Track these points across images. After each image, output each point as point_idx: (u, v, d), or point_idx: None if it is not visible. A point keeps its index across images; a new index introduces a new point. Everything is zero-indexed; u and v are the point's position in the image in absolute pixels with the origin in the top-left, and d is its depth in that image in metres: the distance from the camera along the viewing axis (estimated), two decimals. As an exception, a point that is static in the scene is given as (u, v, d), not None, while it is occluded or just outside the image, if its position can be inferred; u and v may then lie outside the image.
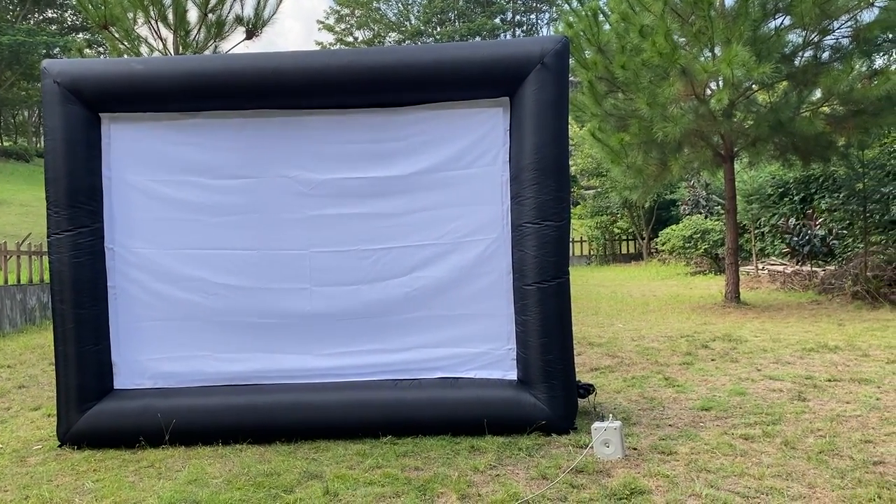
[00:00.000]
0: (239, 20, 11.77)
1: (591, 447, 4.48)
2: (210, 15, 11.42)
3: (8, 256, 12.59)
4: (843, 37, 10.77)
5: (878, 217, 13.67)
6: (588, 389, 5.49)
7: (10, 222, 23.95)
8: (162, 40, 11.13)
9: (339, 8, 57.44)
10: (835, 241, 15.16)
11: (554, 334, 4.98)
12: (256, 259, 5.22)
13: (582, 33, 11.03)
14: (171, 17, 11.31)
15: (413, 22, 56.82)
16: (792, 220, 16.09)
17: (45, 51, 41.36)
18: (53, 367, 8.27)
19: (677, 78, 9.96)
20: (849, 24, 10.59)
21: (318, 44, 55.49)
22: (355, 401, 5.10)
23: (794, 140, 11.02)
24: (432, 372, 5.23)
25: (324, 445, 4.93)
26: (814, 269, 14.94)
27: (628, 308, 12.42)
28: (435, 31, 56.02)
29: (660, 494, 3.88)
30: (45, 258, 13.35)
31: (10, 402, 6.64)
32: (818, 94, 11.73)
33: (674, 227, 20.62)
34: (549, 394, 4.98)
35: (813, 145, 11.04)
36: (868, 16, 10.46)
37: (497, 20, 55.55)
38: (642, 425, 5.20)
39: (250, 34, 11.85)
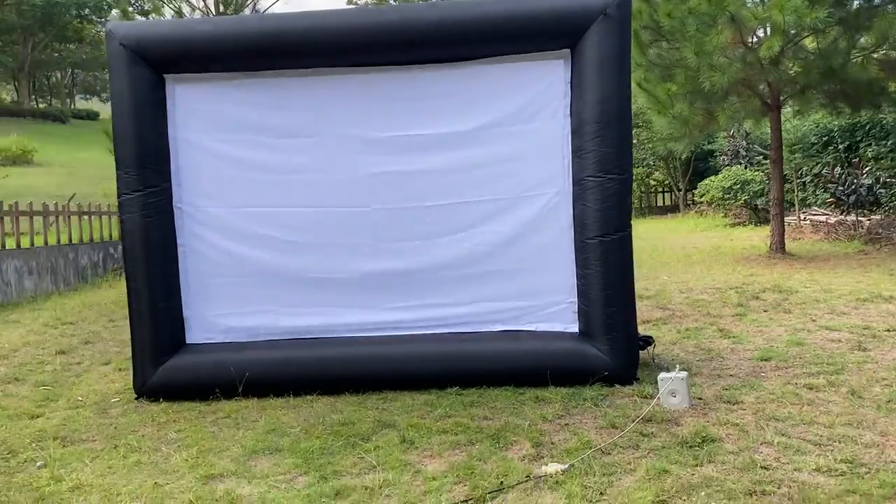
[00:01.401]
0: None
1: (658, 397, 4.55)
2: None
3: (57, 217, 12.86)
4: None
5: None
6: (647, 341, 5.55)
7: (53, 183, 24.42)
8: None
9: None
10: (881, 190, 14.89)
11: (616, 287, 5.03)
12: (320, 216, 5.31)
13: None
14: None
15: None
16: (837, 170, 15.79)
17: (76, 12, 41.49)
18: (113, 323, 8.58)
19: (725, 26, 9.75)
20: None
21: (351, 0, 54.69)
22: (419, 353, 5.22)
23: (845, 87, 10.77)
24: (493, 325, 5.32)
25: (391, 396, 5.07)
26: (859, 218, 14.72)
27: (671, 260, 12.38)
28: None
29: (731, 442, 3.96)
30: (93, 218, 13.65)
31: (80, 358, 6.88)
32: (869, 39, 11.41)
33: (713, 177, 20.36)
34: (611, 346, 5.05)
35: (864, 92, 10.79)
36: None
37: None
38: (703, 375, 5.26)
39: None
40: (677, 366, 4.73)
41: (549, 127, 5.15)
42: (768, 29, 10.33)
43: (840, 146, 16.64)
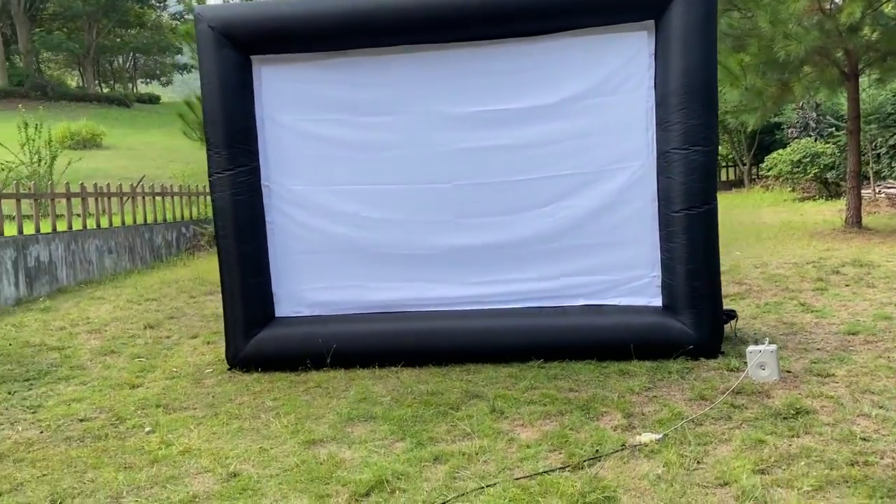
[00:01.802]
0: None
1: (747, 370, 4.53)
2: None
3: (133, 198, 13.30)
4: None
5: None
6: (731, 315, 5.51)
7: (122, 166, 25.18)
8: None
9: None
10: (964, 162, 14.29)
11: (701, 261, 5.00)
12: (404, 193, 5.40)
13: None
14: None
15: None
16: (916, 141, 15.19)
17: (139, -3, 42.42)
18: (194, 300, 8.89)
19: (804, -8, 9.45)
20: None
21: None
22: (502, 327, 5.29)
23: (929, 54, 10.35)
24: (576, 299, 5.35)
25: (474, 368, 5.16)
26: (939, 191, 14.18)
27: (741, 236, 12.15)
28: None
29: (826, 414, 3.93)
30: (165, 199, 14.07)
31: (168, 332, 7.16)
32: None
33: (781, 151, 19.82)
34: (696, 319, 5.03)
35: (951, 59, 10.34)
36: None
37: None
38: (789, 349, 5.20)
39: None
40: (766, 339, 4.69)
41: (633, 99, 5.11)
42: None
43: (918, 116, 16.00)
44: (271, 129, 5.44)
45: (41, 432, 4.43)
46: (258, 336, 5.45)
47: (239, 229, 5.39)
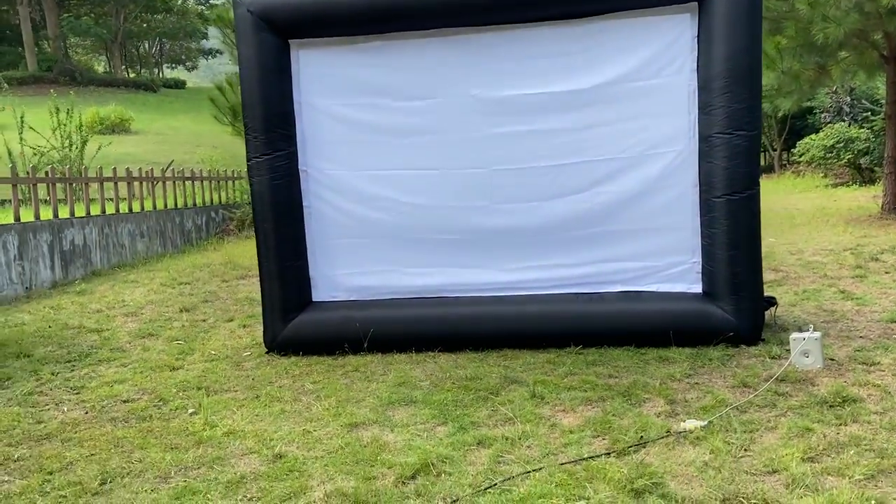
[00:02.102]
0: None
1: (791, 357, 4.47)
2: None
3: (164, 182, 13.41)
4: None
5: None
6: (771, 301, 5.45)
7: (150, 150, 25.41)
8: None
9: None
10: None
11: (743, 247, 4.95)
12: (440, 178, 5.39)
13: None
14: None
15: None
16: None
17: (165, -18, 42.58)
18: (227, 284, 8.96)
19: (843, -27, 9.25)
20: None
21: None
22: (539, 313, 5.28)
23: (972, 36, 10.09)
24: (613, 286, 5.31)
25: (511, 354, 5.16)
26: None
27: (774, 222, 11.97)
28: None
29: (873, 402, 3.87)
30: (195, 184, 14.17)
31: (204, 315, 7.23)
32: None
33: (813, 136, 19.48)
34: (736, 306, 4.98)
35: None
36: None
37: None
38: (832, 337, 5.13)
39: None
40: (810, 326, 4.63)
41: (675, 83, 5.04)
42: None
43: (956, 100, 15.61)
44: (309, 114, 5.44)
45: (86, 413, 4.50)
46: (296, 320, 5.49)
47: (277, 213, 5.41)
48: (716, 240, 4.99)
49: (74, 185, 11.66)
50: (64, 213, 10.22)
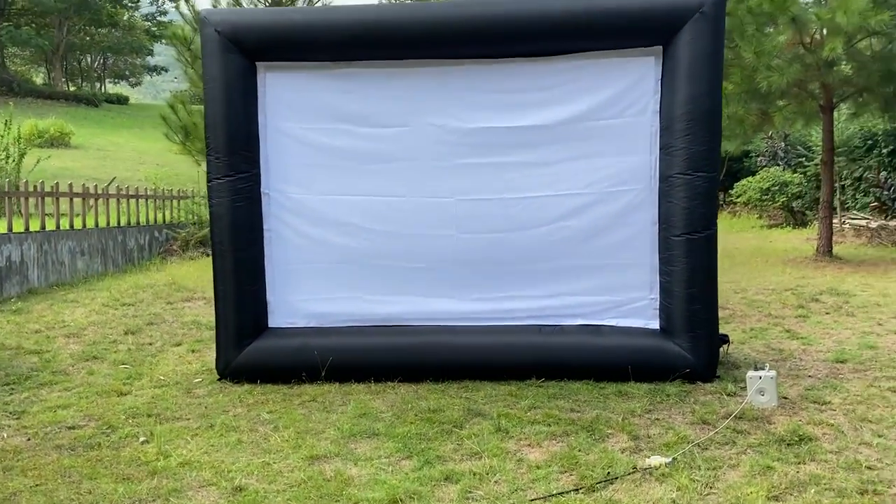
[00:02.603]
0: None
1: (748, 396, 4.57)
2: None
3: (107, 199, 13.02)
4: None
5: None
6: (724, 339, 5.57)
7: (91, 166, 24.66)
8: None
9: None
10: (929, 196, 14.75)
11: (701, 285, 5.05)
12: (405, 205, 5.37)
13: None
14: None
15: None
16: (883, 174, 15.65)
17: (112, -5, 41.75)
18: (171, 306, 8.71)
19: (787, 26, 9.69)
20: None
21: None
22: (500, 344, 5.28)
23: (902, 91, 10.67)
24: (573, 319, 5.36)
25: (472, 385, 5.13)
26: (903, 224, 14.58)
27: (717, 260, 12.31)
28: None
29: (828, 442, 3.98)
30: (140, 201, 13.79)
31: (150, 338, 6.99)
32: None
33: (750, 178, 20.23)
34: (693, 343, 5.08)
35: (922, 97, 10.68)
36: None
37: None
38: (782, 375, 5.26)
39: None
40: (766, 365, 4.75)
41: (638, 123, 5.17)
42: (824, 30, 10.27)
43: (883, 150, 16.48)
44: (274, 137, 5.37)
45: (28, 440, 4.29)
46: (251, 346, 5.35)
47: (235, 236, 5.30)
48: (674, 278, 5.09)
49: (11, 199, 11.21)
50: (0, 227, 9.80)
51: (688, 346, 5.09)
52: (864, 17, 9.00)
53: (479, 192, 5.32)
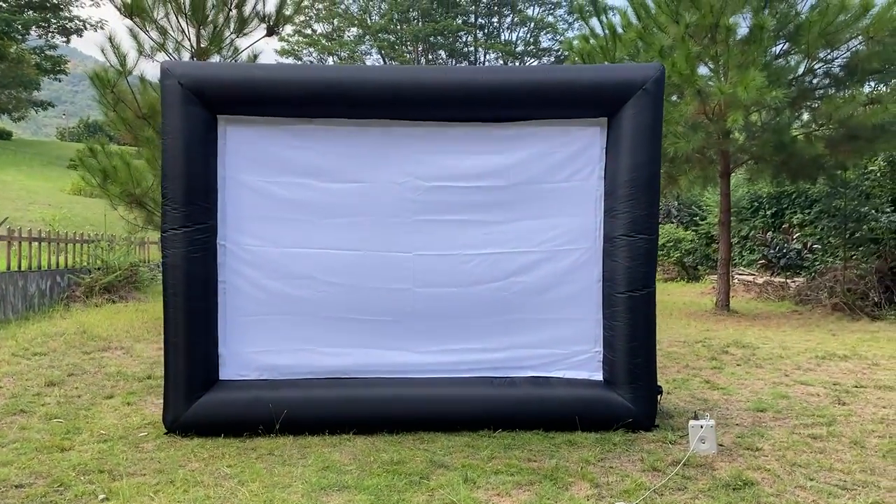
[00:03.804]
0: (260, 17, 11.86)
1: (692, 444, 4.90)
2: (232, 10, 11.49)
3: (9, 242, 12.36)
4: (840, 66, 11.54)
5: (855, 234, 14.45)
6: (658, 390, 5.93)
7: (-23, 204, 23.18)
8: (185, 34, 11.14)
9: None
10: (808, 255, 16.10)
11: (641, 339, 5.41)
12: (362, 260, 5.50)
13: (598, 50, 11.53)
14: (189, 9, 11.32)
15: (375, 19, 56.68)
16: (770, 234, 16.97)
17: (4, 28, 39.98)
18: (89, 356, 8.37)
19: (693, 98, 10.55)
20: (846, 54, 11.36)
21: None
22: (454, 396, 5.43)
23: (790, 159, 11.76)
24: (524, 371, 5.60)
25: (427, 437, 5.24)
26: (786, 280, 15.84)
27: (625, 313, 12.95)
28: (397, 29, 56.16)
29: (768, 485, 4.35)
30: (43, 244, 13.15)
31: (77, 391, 6.70)
32: (805, 116, 12.58)
33: (647, 235, 21.37)
34: (634, 394, 5.40)
35: (807, 166, 11.80)
36: (864, 47, 11.24)
37: (459, 21, 55.95)
38: (713, 424, 5.67)
39: (271, 31, 11.97)
40: (706, 414, 5.12)
41: (585, 187, 5.54)
42: (723, 103, 11.24)
43: (767, 212, 17.90)
44: (232, 189, 5.40)
45: (-27, 501, 4.06)
46: (202, 399, 5.27)
47: (189, 287, 5.25)
48: (617, 332, 5.43)
49: None
50: None
51: (629, 396, 5.41)
52: (762, 92, 9.94)
53: (436, 248, 5.52)
